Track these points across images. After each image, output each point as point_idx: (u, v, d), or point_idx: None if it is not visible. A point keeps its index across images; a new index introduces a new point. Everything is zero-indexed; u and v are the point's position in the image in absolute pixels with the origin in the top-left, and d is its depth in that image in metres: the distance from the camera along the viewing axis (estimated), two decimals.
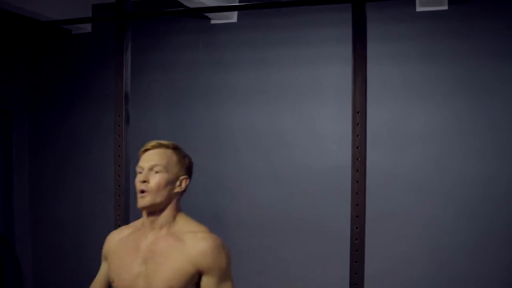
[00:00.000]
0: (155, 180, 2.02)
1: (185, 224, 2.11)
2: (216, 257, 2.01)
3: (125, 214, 2.71)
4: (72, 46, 5.34)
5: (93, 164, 5.12)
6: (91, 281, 2.61)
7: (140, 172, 2.06)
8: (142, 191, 2.01)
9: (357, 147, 2.33)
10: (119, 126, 2.69)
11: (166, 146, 2.12)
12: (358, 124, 2.31)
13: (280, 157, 4.62)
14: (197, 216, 4.97)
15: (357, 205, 2.35)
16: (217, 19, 4.76)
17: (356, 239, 2.36)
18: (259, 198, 4.67)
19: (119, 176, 2.70)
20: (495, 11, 4.09)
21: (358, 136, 2.32)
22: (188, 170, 2.17)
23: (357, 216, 2.34)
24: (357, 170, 2.33)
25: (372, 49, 4.28)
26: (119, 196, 2.70)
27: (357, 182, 2.34)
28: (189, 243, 2.01)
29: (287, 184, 4.60)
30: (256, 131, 4.69)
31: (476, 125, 4.10)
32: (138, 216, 2.78)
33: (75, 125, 5.30)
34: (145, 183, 2.01)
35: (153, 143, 2.13)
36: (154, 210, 2.05)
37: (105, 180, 4.62)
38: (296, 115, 4.58)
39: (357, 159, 2.32)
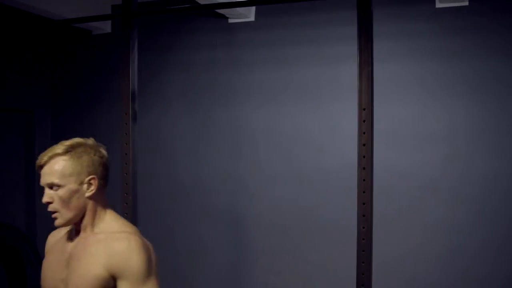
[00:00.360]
0: (57, 198, 1.87)
1: (110, 224, 1.92)
2: (129, 260, 1.79)
3: (133, 212, 2.70)
4: (92, 47, 5.40)
5: (113, 163, 5.15)
6: None
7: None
8: (52, 212, 1.89)
9: (363, 145, 2.27)
10: (126, 124, 2.68)
11: (57, 154, 1.91)
12: (364, 121, 2.25)
13: (300, 156, 4.57)
14: (217, 216, 5.00)
15: (363, 203, 2.30)
16: (234, 18, 4.75)
17: (363, 239, 2.30)
18: (278, 198, 4.64)
19: (126, 174, 2.70)
20: None
21: (364, 133, 2.27)
22: (95, 166, 1.92)
23: (363, 215, 2.29)
24: (364, 168, 2.28)
25: (390, 46, 4.23)
26: (126, 194, 2.69)
27: (364, 180, 2.28)
28: (103, 245, 1.83)
29: (306, 184, 4.55)
30: (275, 130, 4.65)
31: (497, 124, 3.99)
32: (146, 216, 2.78)
33: (96, 125, 5.35)
34: (50, 205, 1.89)
35: (44, 157, 1.93)
36: (74, 222, 1.92)
37: None
38: (315, 114, 4.53)
39: (363, 157, 2.27)
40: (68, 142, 1.95)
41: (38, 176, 5.49)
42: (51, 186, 1.87)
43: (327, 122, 4.48)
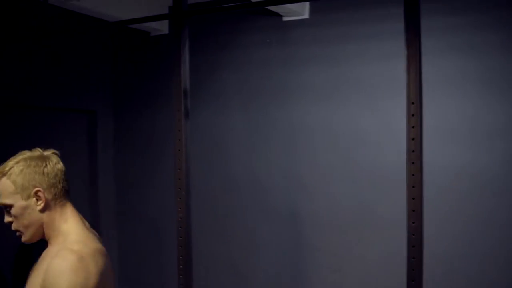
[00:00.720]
0: (13, 219, 1.83)
1: (66, 238, 1.84)
2: (58, 280, 1.65)
3: (186, 208, 2.77)
4: (150, 48, 5.55)
5: (169, 160, 5.29)
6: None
7: None
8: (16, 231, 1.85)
9: (412, 139, 2.24)
10: (178, 120, 2.75)
11: (1, 174, 1.85)
12: (412, 115, 2.23)
13: (355, 153, 4.54)
14: (272, 213, 5.02)
15: (413, 199, 2.27)
16: (288, 16, 4.76)
17: (413, 234, 2.28)
18: (335, 197, 4.62)
19: (179, 169, 2.77)
20: None
21: (413, 127, 2.24)
22: (39, 178, 1.86)
23: (413, 210, 2.26)
24: (413, 163, 2.25)
25: (448, 40, 4.13)
26: (179, 189, 2.76)
27: (413, 175, 2.25)
28: (48, 260, 1.75)
29: (362, 181, 4.52)
30: (330, 127, 4.64)
31: None
32: (200, 212, 2.83)
33: (156, 124, 5.49)
34: (12, 224, 1.86)
35: None
36: (39, 238, 1.88)
37: None
38: (371, 111, 4.49)
39: (412, 151, 2.24)
40: (10, 160, 1.88)
41: (104, 175, 5.71)
42: (5, 207, 1.84)
43: (383, 119, 4.43)
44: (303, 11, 4.69)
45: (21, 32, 3.96)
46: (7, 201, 1.80)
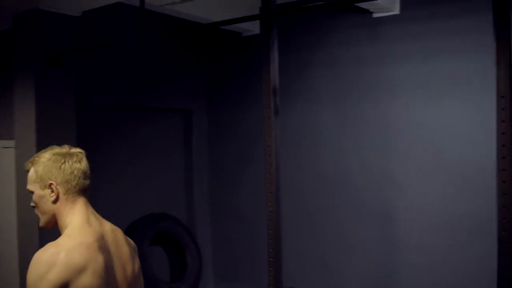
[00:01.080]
0: (34, 204, 1.98)
1: (67, 229, 1.92)
2: (29, 268, 1.78)
3: (276, 202, 2.86)
4: (242, 48, 5.70)
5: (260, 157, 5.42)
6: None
7: None
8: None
9: (503, 133, 2.21)
10: (268, 117, 2.85)
11: (30, 165, 1.99)
12: (503, 109, 2.19)
13: (449, 151, 4.44)
14: (364, 210, 4.97)
15: (504, 194, 2.23)
16: (379, 12, 4.74)
17: (503, 230, 2.24)
18: (428, 195, 4.54)
19: (269, 165, 2.86)
20: None
21: (503, 121, 2.21)
22: (56, 173, 1.95)
23: (504, 206, 2.22)
24: (503, 157, 2.21)
25: None
26: (269, 184, 2.85)
27: (504, 170, 2.22)
28: None
29: (456, 180, 4.41)
30: (422, 124, 4.57)
31: None
32: (290, 207, 2.92)
33: (248, 122, 5.64)
34: (34, 208, 2.00)
35: (25, 166, 2.02)
36: (54, 226, 1.99)
37: None
38: (465, 108, 4.38)
39: (503, 146, 2.21)
40: (42, 152, 2.01)
41: (198, 171, 5.96)
42: (30, 192, 1.99)
43: (478, 116, 4.30)
44: (393, 7, 4.66)
45: (120, 37, 4.23)
46: (30, 187, 1.96)
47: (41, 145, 3.99)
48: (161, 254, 5.77)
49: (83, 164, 2.01)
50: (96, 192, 5.14)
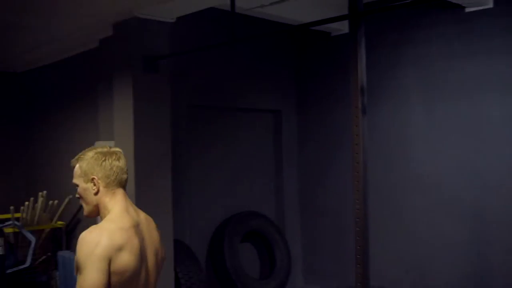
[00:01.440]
0: (79, 196, 2.24)
1: (108, 216, 2.17)
2: (78, 247, 2.04)
3: (363, 199, 2.88)
4: (332, 47, 5.73)
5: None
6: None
7: None
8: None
9: None
10: (356, 117, 2.87)
11: (75, 160, 2.25)
12: None
13: None
14: (456, 210, 4.84)
15: None
16: (472, 7, 4.62)
17: None
18: None
19: (357, 163, 2.89)
20: None
21: None
22: (98, 168, 2.20)
23: None
24: None
25: None
26: (357, 182, 2.88)
27: None
28: None
29: None
30: None
31: None
32: (378, 204, 2.94)
33: (337, 120, 5.66)
34: (79, 199, 2.27)
35: (71, 162, 2.28)
36: (96, 215, 2.24)
37: None
38: None
39: None
40: (86, 150, 2.26)
41: (288, 170, 6.08)
42: (75, 185, 2.25)
43: None
44: (487, 0, 4.53)
45: (212, 40, 4.37)
46: (76, 181, 2.23)
47: (139, 146, 4.25)
48: (251, 251, 5.91)
49: (121, 162, 2.25)
50: (190, 191, 5.39)
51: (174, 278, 4.46)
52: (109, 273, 2.01)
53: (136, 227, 2.18)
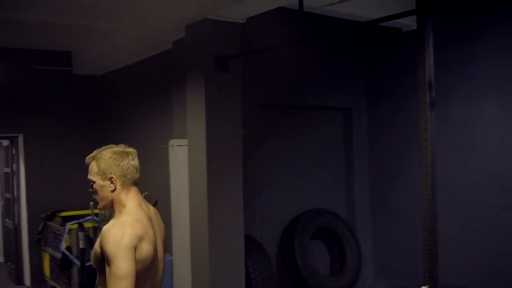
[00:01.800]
0: (94, 191, 2.40)
1: (123, 213, 2.34)
2: (104, 241, 2.18)
3: (432, 195, 2.86)
4: (402, 44, 5.67)
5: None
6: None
7: None
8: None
9: None
10: (424, 112, 2.86)
11: (91, 158, 2.41)
12: None
13: None
14: None
15: None
16: None
17: None
18: None
19: (425, 158, 2.88)
20: None
21: None
22: (115, 168, 2.36)
23: None
24: None
25: None
26: (425, 177, 2.87)
27: None
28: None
29: None
30: None
31: None
32: (448, 200, 2.93)
33: (408, 117, 5.59)
34: (93, 195, 2.44)
35: (87, 160, 2.43)
36: (109, 209, 2.43)
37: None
38: None
39: None
40: (102, 149, 2.42)
41: (359, 168, 6.05)
42: (91, 181, 2.41)
43: None
44: None
45: (281, 40, 4.43)
46: (92, 178, 2.39)
47: (210, 144, 4.38)
48: (321, 248, 5.93)
49: (136, 161, 2.44)
50: (261, 189, 5.49)
51: (244, 273, 4.56)
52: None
53: (149, 220, 2.38)
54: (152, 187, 5.81)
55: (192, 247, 4.59)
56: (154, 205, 5.81)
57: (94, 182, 2.39)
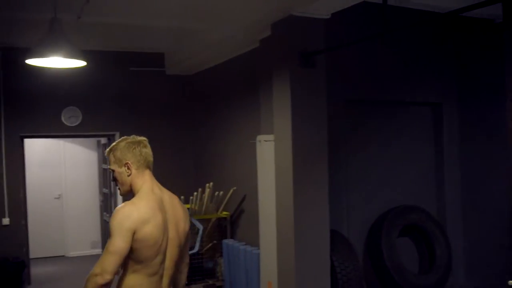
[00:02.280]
0: (115, 178, 2.68)
1: (136, 196, 2.59)
2: (112, 216, 2.47)
3: None
4: (495, 36, 5.45)
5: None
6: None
7: None
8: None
9: None
10: (510, 109, 2.78)
11: (109, 151, 2.67)
12: None
13: None
14: None
15: None
16: None
17: None
18: None
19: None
20: None
21: None
22: (130, 155, 2.63)
23: None
24: None
25: None
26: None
27: None
28: None
29: None
30: None
31: None
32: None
33: (500, 113, 5.37)
34: (115, 182, 2.73)
35: (105, 153, 2.72)
36: (130, 194, 2.67)
37: None
38: None
39: None
40: (119, 140, 2.68)
41: (449, 165, 5.84)
42: (111, 170, 2.68)
43: None
44: None
45: (365, 34, 4.39)
46: (111, 167, 2.66)
47: (296, 139, 4.43)
48: (409, 245, 5.83)
49: (148, 148, 2.70)
50: (348, 184, 5.48)
51: (330, 267, 4.59)
52: (132, 240, 2.44)
53: (160, 203, 2.61)
54: (241, 182, 5.97)
55: (278, 241, 4.67)
56: (242, 200, 6.00)
57: (113, 170, 2.67)
